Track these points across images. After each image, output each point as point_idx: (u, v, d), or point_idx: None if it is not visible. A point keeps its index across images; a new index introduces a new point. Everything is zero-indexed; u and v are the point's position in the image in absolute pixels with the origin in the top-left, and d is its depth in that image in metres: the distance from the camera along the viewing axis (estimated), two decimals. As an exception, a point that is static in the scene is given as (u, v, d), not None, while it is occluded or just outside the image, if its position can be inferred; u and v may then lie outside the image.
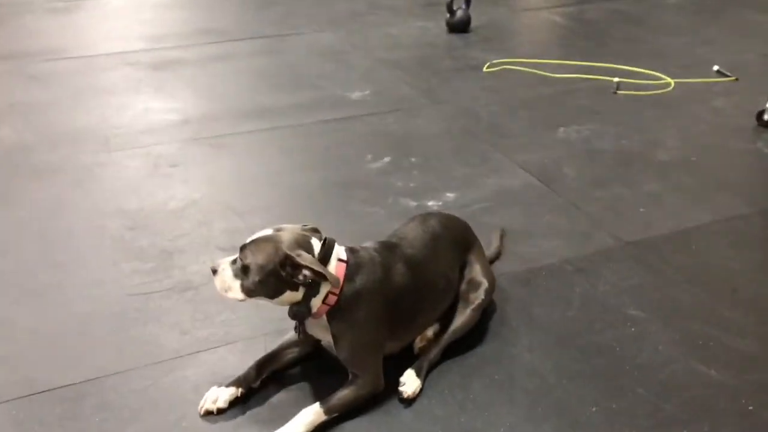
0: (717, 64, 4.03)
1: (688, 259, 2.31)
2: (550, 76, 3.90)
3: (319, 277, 1.63)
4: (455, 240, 1.99)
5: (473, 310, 1.93)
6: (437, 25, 4.81)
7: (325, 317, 1.70)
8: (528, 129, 3.28)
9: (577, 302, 2.10)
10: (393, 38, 4.59)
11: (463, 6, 4.69)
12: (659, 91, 3.71)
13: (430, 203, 2.63)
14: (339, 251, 1.72)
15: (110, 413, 1.71)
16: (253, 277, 1.65)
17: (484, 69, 4.02)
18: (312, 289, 1.66)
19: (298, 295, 1.67)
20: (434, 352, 1.85)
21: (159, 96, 3.62)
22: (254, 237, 1.69)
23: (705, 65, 4.02)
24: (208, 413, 1.70)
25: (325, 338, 1.77)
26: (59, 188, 2.76)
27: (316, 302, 1.68)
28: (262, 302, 1.69)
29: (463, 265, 1.99)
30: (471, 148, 3.10)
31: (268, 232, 1.69)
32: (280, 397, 1.76)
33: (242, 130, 3.24)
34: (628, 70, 3.93)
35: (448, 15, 4.70)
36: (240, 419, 1.69)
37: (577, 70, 3.98)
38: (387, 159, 2.98)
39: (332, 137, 3.19)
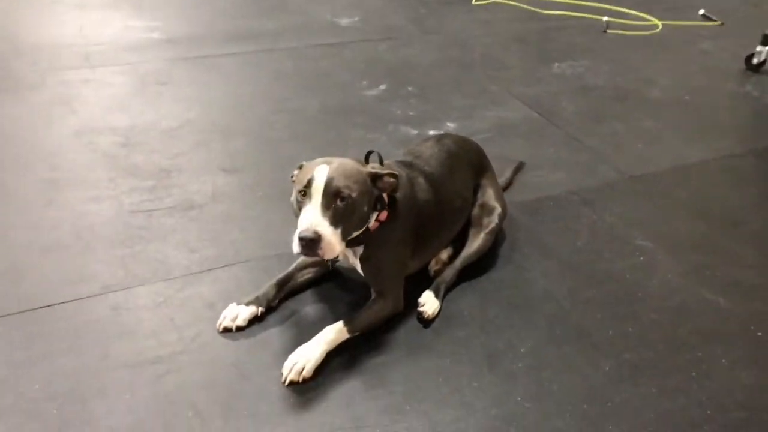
0: (703, 8, 4.05)
1: (689, 193, 2.35)
2: (541, 12, 3.85)
3: (396, 178, 1.60)
4: (470, 161, 1.96)
5: (487, 234, 1.92)
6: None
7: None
8: (523, 63, 3.25)
9: (586, 232, 2.11)
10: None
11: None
12: (647, 32, 3.71)
13: (431, 131, 2.59)
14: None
15: (123, 328, 1.65)
16: (355, 205, 1.53)
17: (474, 1, 3.95)
18: (377, 206, 1.62)
19: (373, 214, 1.62)
20: (450, 275, 1.83)
21: (139, 14, 3.45)
22: (328, 170, 1.52)
23: (691, 9, 4.03)
24: (227, 330, 1.65)
25: (350, 258, 1.73)
26: (42, 104, 2.62)
27: (372, 220, 1.63)
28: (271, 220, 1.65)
29: (476, 188, 1.97)
30: (467, 79, 3.05)
31: (324, 167, 1.54)
32: (299, 317, 1.72)
33: (231, 51, 3.12)
34: (616, 11, 3.92)
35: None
36: (260, 336, 1.65)
37: (566, 7, 3.95)
38: (383, 86, 2.91)
39: (325, 62, 3.10)
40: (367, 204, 1.57)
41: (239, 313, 1.67)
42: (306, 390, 1.50)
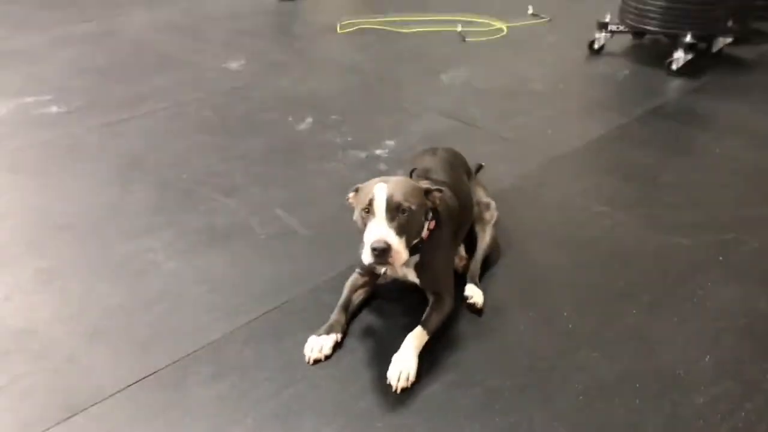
0: (530, 6, 4.62)
1: (614, 160, 2.77)
2: (402, 31, 4.18)
3: (442, 192, 1.80)
4: (462, 166, 2.21)
5: (492, 226, 2.17)
6: (265, -6, 4.85)
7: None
8: (414, 78, 3.55)
9: (553, 207, 2.43)
10: (231, 8, 4.54)
11: (291, -26, 4.78)
12: (498, 36, 4.18)
13: (378, 152, 2.79)
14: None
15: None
16: (413, 217, 1.68)
17: (338, 30, 4.19)
18: (430, 216, 1.79)
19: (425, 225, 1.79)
20: (477, 267, 2.06)
21: (28, 89, 3.23)
22: (387, 186, 1.68)
23: (521, 11, 4.59)
24: (317, 361, 1.75)
25: (405, 270, 1.88)
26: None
27: (424, 229, 1.80)
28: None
29: (470, 192, 2.21)
30: (378, 100, 3.29)
31: (382, 185, 1.69)
32: (370, 334, 1.85)
33: (142, 112, 3.07)
34: (464, 20, 4.35)
35: (277, -18, 4.77)
36: (350, 360, 1.76)
37: (420, 24, 4.31)
38: (309, 119, 3.05)
39: (241, 106, 3.17)
40: (424, 215, 1.76)
41: (323, 343, 1.77)
42: (413, 391, 1.65)
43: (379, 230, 1.62)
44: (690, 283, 2.05)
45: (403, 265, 1.83)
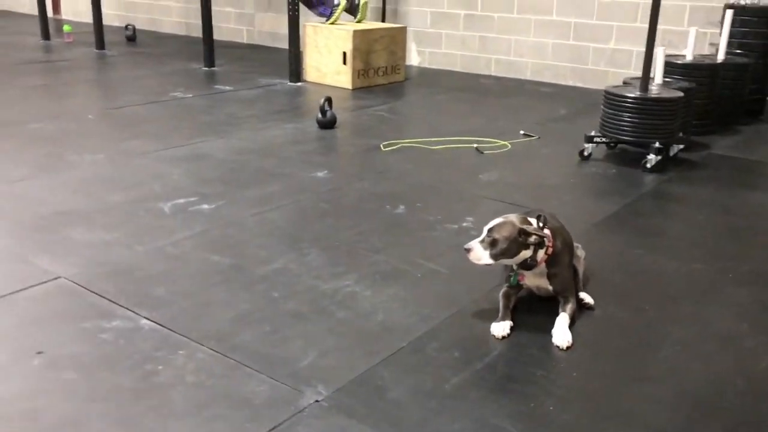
0: (522, 130, 5.89)
1: (628, 226, 3.87)
2: (433, 148, 5.31)
3: (541, 239, 2.74)
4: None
5: (583, 259, 3.17)
6: (306, 125, 5.92)
7: (544, 265, 2.79)
8: (459, 178, 4.65)
9: (598, 258, 3.47)
10: (285, 137, 5.57)
11: (328, 108, 5.89)
12: (505, 150, 5.37)
13: (464, 224, 3.79)
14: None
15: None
16: (501, 246, 2.70)
17: (383, 148, 5.27)
18: (539, 247, 2.75)
19: (528, 252, 2.76)
20: (580, 283, 3.05)
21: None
22: (494, 223, 2.75)
23: (512, 132, 5.83)
24: (504, 338, 2.70)
25: (538, 282, 2.87)
26: None
27: (540, 255, 2.77)
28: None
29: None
30: (443, 193, 4.36)
31: (500, 219, 2.74)
32: (525, 325, 2.82)
33: (271, 207, 3.98)
34: (475, 140, 5.53)
35: (320, 115, 5.86)
36: (520, 336, 2.71)
37: (442, 143, 5.46)
38: (402, 207, 4.06)
39: (345, 200, 4.17)
40: (514, 245, 2.74)
41: (503, 326, 2.73)
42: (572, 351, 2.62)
43: (473, 241, 2.76)
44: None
45: (538, 277, 2.84)
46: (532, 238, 2.73)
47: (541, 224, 2.81)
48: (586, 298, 2.98)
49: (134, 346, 2.56)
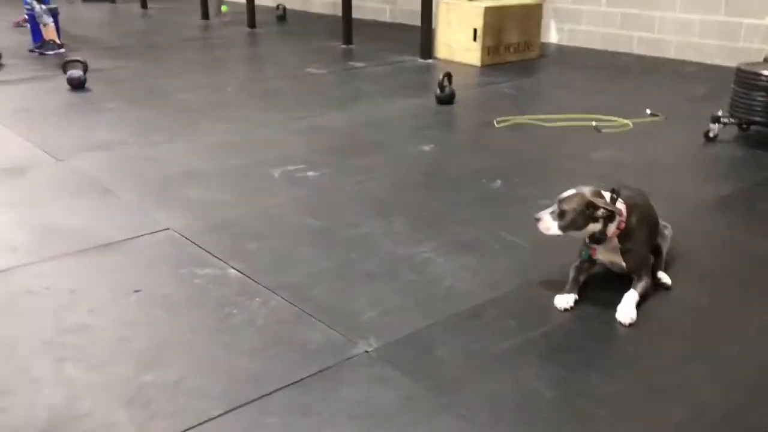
0: (648, 109, 5.64)
1: (751, 208, 3.65)
2: (549, 125, 5.24)
3: (610, 213, 2.68)
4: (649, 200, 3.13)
5: (669, 239, 3.07)
6: (425, 101, 6.04)
7: (616, 240, 2.74)
8: (570, 155, 4.58)
9: (699, 239, 3.31)
10: (404, 112, 5.72)
11: (448, 83, 5.97)
12: (626, 129, 5.18)
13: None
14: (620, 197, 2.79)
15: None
16: (569, 217, 2.68)
17: (496, 124, 5.28)
18: (609, 220, 2.70)
19: (597, 226, 2.72)
20: (662, 264, 2.96)
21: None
22: (565, 194, 2.72)
23: (638, 111, 5.60)
24: (566, 310, 2.70)
25: (612, 258, 2.82)
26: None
27: (611, 229, 2.72)
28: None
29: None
30: (547, 169, 4.34)
31: (572, 191, 2.72)
32: (593, 300, 2.79)
33: (371, 177, 4.15)
34: (594, 117, 5.38)
35: (438, 91, 5.96)
36: (587, 310, 2.71)
37: (559, 121, 5.36)
38: (499, 181, 4.08)
39: (443, 172, 4.25)
40: (581, 217, 2.69)
41: (567, 299, 2.71)
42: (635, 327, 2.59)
43: (543, 211, 2.75)
44: None
45: (610, 253, 2.79)
46: (600, 212, 2.68)
47: (615, 198, 2.76)
48: (663, 277, 2.88)
49: (219, 291, 2.84)
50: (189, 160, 4.50)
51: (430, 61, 7.92)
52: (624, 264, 2.81)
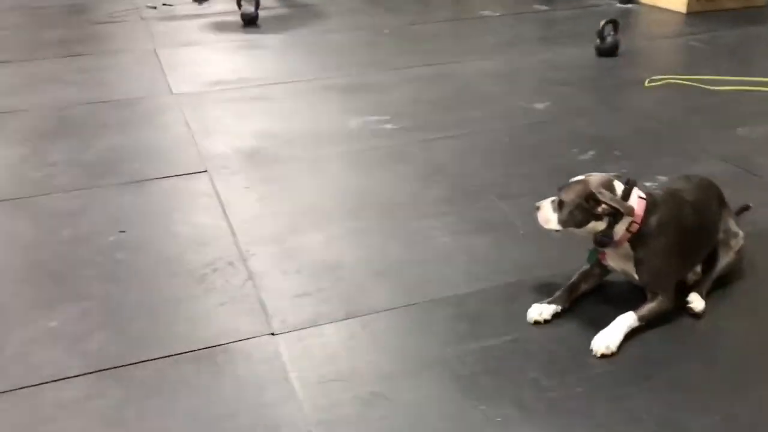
0: None
1: None
2: (710, 89, 4.29)
3: (614, 210, 2.06)
4: (714, 195, 2.38)
5: (736, 252, 2.33)
6: (585, 51, 5.27)
7: (628, 245, 2.13)
8: (706, 128, 3.70)
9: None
10: (549, 63, 5.06)
11: (612, 32, 5.16)
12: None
13: (647, 183, 3.03)
14: (639, 191, 2.15)
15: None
16: (566, 210, 2.11)
17: (645, 84, 4.45)
18: (615, 219, 2.10)
19: (602, 224, 2.11)
20: (708, 282, 2.26)
21: (372, 110, 4.14)
22: (570, 180, 2.16)
23: None
24: (537, 323, 2.16)
25: (624, 266, 2.19)
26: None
27: (619, 230, 2.11)
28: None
29: (718, 219, 2.38)
30: (663, 143, 3.55)
31: (581, 177, 2.15)
32: (588, 314, 2.21)
33: (450, 135, 3.74)
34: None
35: (598, 41, 5.18)
36: (565, 326, 2.16)
37: (730, 83, 4.36)
38: (592, 152, 3.43)
39: (535, 137, 3.67)
40: (580, 212, 2.11)
41: (543, 310, 2.18)
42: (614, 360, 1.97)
43: (546, 199, 2.23)
44: None
45: (623, 260, 2.18)
46: (601, 207, 2.08)
47: (628, 191, 2.12)
48: (693, 301, 2.17)
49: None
50: (289, 105, 4.41)
51: (629, 5, 6.90)
52: (636, 276, 2.18)
